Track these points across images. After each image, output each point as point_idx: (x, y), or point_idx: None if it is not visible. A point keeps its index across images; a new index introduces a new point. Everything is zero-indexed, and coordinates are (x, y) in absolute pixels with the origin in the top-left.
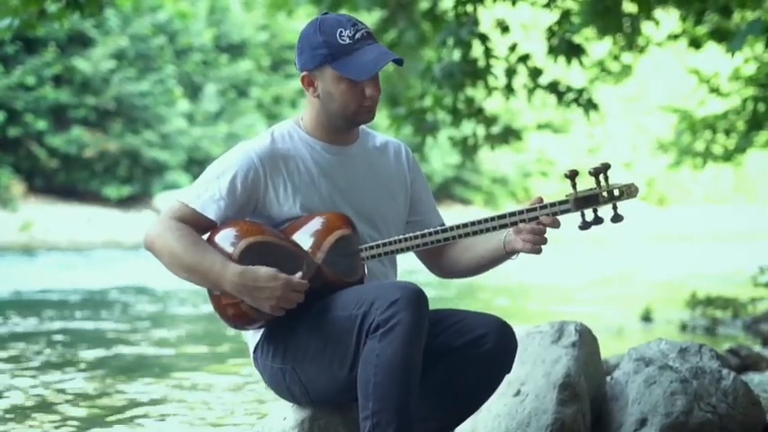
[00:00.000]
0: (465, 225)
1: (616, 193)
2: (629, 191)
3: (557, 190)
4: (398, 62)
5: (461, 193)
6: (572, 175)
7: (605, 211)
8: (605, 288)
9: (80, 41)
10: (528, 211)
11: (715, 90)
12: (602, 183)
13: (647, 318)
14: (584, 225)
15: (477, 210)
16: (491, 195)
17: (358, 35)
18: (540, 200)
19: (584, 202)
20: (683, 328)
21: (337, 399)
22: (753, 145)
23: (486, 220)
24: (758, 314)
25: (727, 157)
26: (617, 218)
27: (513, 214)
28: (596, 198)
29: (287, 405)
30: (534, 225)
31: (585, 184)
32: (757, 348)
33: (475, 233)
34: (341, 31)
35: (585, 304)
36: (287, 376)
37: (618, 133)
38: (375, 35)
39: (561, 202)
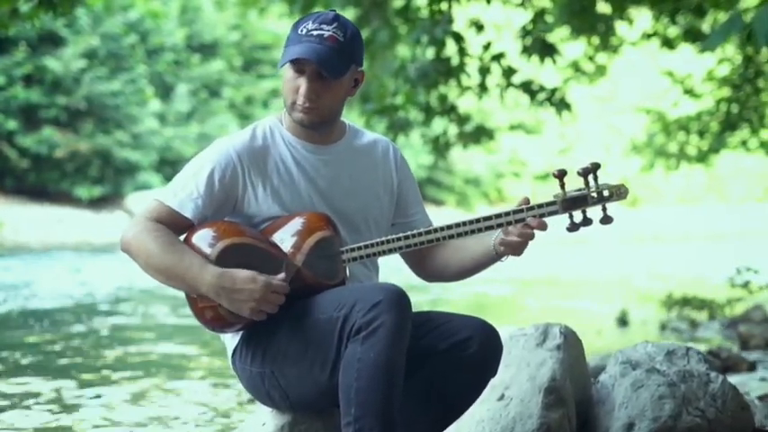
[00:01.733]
0: (450, 227)
1: (606, 193)
2: (618, 192)
3: (529, 191)
4: (326, 71)
5: (434, 194)
6: (560, 175)
7: (594, 213)
8: (579, 288)
9: (51, 41)
10: (514, 212)
11: (689, 91)
12: (591, 183)
13: (623, 319)
14: (573, 227)
15: (449, 210)
16: (463, 196)
17: (315, 31)
18: (527, 200)
19: (572, 203)
20: (662, 328)
21: (318, 404)
22: (726, 146)
23: (471, 222)
24: (736, 315)
25: (701, 158)
26: (606, 219)
27: (499, 216)
28: (585, 199)
29: (266, 410)
30: (521, 229)
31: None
32: (734, 349)
33: (460, 235)
34: (305, 24)
35: (560, 304)
36: (266, 381)
37: (590, 134)
38: (345, 39)
39: (548, 204)
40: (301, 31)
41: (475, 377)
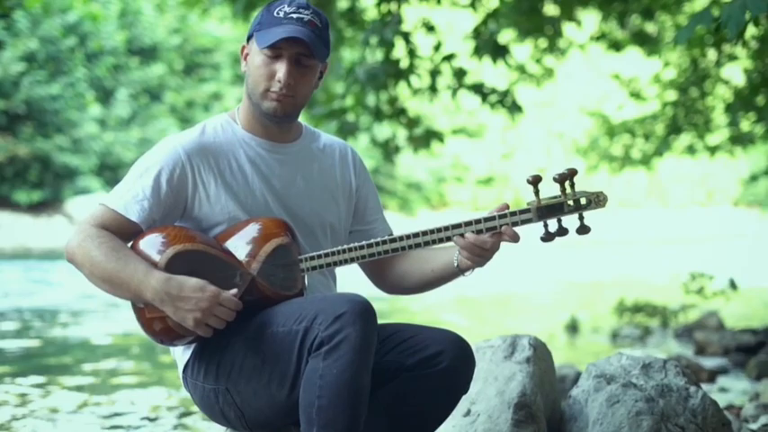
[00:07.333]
0: (416, 235)
1: (583, 201)
2: (597, 200)
3: (471, 195)
4: (316, 53)
5: None
6: (534, 181)
7: (570, 222)
8: (525, 297)
9: None
10: (486, 220)
11: (636, 94)
12: (568, 190)
13: (572, 326)
14: (547, 236)
15: (391, 215)
16: (406, 201)
17: (294, 15)
18: (506, 206)
19: (546, 211)
20: (614, 336)
21: (276, 423)
22: (671, 150)
23: (438, 230)
24: (689, 322)
25: (646, 161)
26: (583, 229)
27: (468, 224)
28: (561, 207)
29: (220, 429)
30: (489, 238)
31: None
32: (685, 353)
33: (426, 243)
34: (281, 7)
35: (504, 312)
36: (220, 398)
37: (532, 138)
38: (322, 25)
39: (522, 211)
40: (278, 13)
41: (446, 394)
